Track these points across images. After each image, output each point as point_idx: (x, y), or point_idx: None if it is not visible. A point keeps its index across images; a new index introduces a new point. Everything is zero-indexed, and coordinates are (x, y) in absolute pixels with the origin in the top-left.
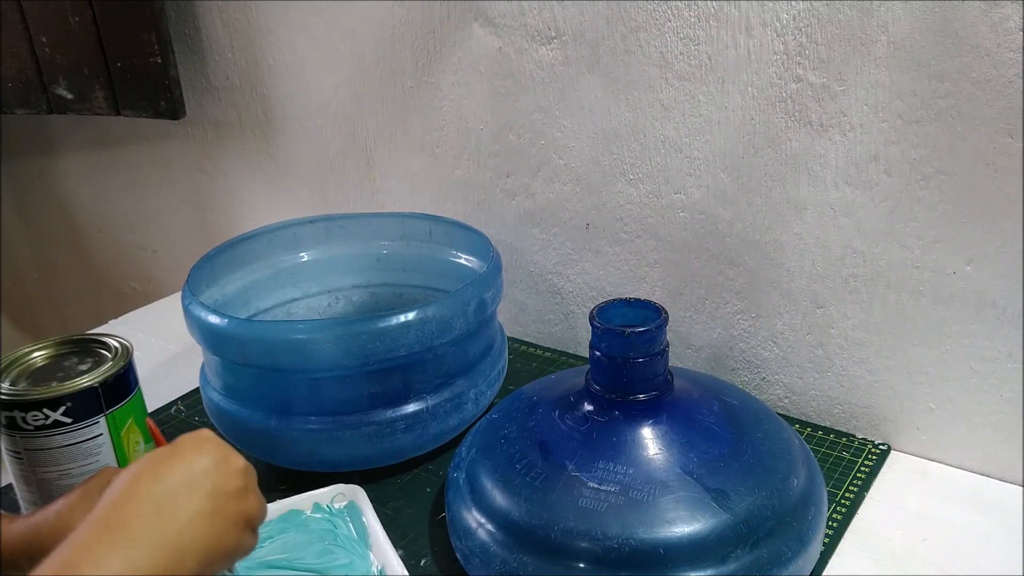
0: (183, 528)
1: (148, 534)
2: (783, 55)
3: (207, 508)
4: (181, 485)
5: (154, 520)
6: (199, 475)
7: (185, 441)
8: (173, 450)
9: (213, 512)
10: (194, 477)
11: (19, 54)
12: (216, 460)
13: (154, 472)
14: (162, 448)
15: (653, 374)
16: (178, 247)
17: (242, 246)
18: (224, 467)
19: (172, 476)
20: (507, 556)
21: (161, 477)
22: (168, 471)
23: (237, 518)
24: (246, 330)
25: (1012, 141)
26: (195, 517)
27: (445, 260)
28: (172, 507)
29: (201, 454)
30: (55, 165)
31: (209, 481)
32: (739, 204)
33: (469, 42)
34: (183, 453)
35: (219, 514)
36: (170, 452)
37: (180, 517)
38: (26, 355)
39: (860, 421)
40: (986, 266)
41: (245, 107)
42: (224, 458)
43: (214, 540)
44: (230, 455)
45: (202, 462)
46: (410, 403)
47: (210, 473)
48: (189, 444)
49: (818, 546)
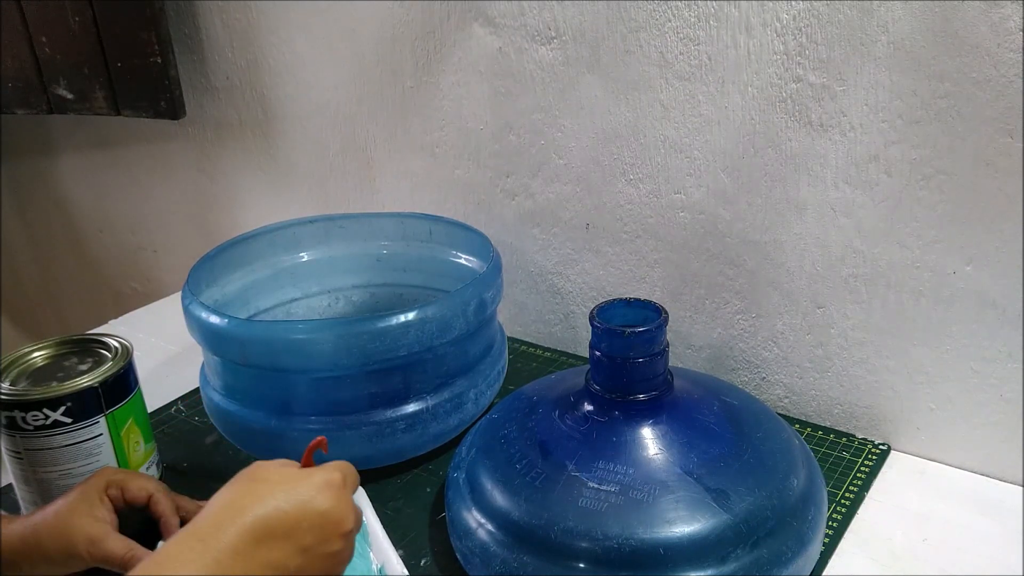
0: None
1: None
2: (783, 55)
3: (294, 564)
4: (281, 531)
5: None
6: (303, 528)
7: (311, 479)
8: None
9: (298, 568)
10: (298, 528)
11: (19, 54)
12: (328, 516)
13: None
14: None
15: (653, 374)
16: (178, 247)
17: (242, 246)
18: (333, 527)
19: (276, 516)
20: (507, 556)
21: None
22: (275, 511)
23: (322, 570)
24: (246, 330)
25: (1012, 141)
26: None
27: (445, 260)
28: (262, 550)
29: (317, 503)
30: (55, 165)
31: (310, 537)
32: (739, 204)
33: (469, 42)
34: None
35: (303, 571)
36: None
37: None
38: (26, 355)
39: (860, 421)
40: (986, 266)
41: (245, 107)
42: (336, 517)
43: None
44: (345, 515)
45: (313, 515)
46: (410, 403)
47: (314, 529)
48: (312, 486)
49: (818, 546)
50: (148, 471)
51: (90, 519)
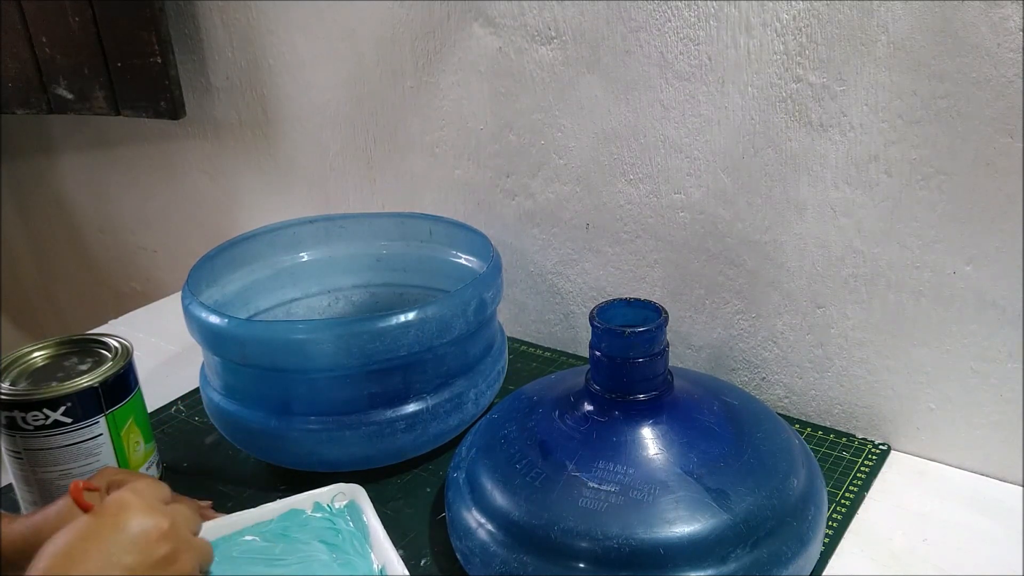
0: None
1: None
2: (783, 55)
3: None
4: (99, 568)
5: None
6: (117, 553)
7: (105, 512)
8: (90, 529)
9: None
10: (112, 557)
11: (19, 54)
12: (136, 532)
13: (68, 555)
14: (80, 523)
15: (653, 374)
16: (178, 247)
17: (242, 246)
18: (145, 538)
19: (87, 562)
20: (507, 556)
21: (75, 565)
22: (82, 557)
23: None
24: (246, 330)
25: (1012, 141)
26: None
27: (445, 260)
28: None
29: (119, 528)
30: (55, 165)
31: (129, 558)
32: (739, 204)
33: (469, 42)
34: (99, 532)
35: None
36: (87, 532)
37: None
38: (26, 355)
39: (860, 421)
40: (986, 266)
41: (245, 107)
42: (144, 529)
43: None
44: (150, 519)
45: (121, 539)
46: (410, 403)
47: (129, 549)
48: (108, 517)
49: (818, 546)
50: (148, 471)
51: None
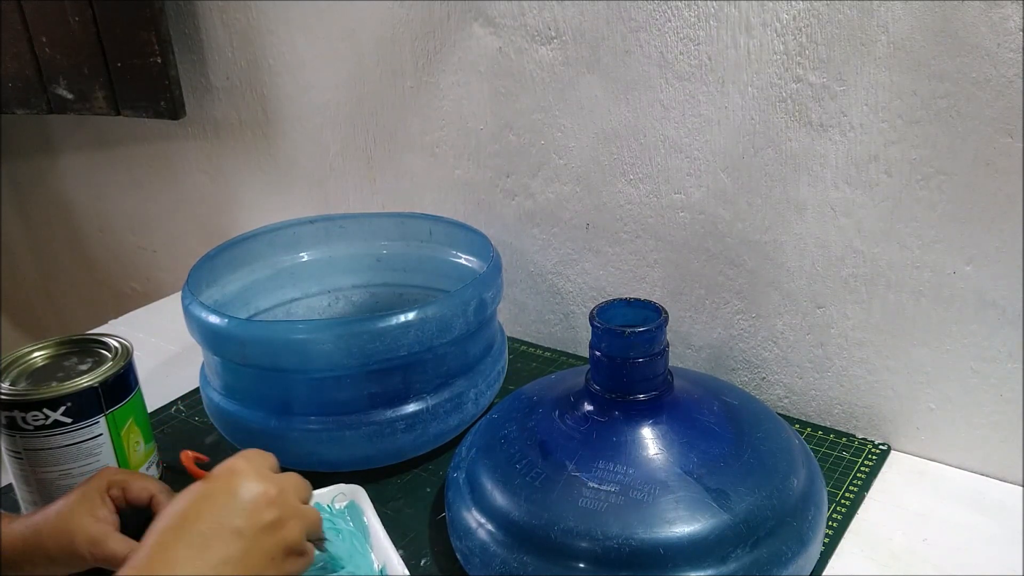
0: (213, 570)
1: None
2: (783, 55)
3: (237, 551)
4: (213, 528)
5: (182, 568)
6: (230, 515)
7: (218, 477)
8: (204, 491)
9: (244, 553)
10: (225, 518)
11: (19, 54)
12: (246, 498)
13: (183, 519)
14: (194, 488)
15: (653, 374)
16: (178, 247)
17: (242, 246)
18: (254, 504)
19: (202, 520)
20: (507, 556)
21: (190, 521)
22: (196, 516)
23: (275, 551)
24: (246, 330)
25: (1012, 141)
26: (224, 562)
27: (445, 260)
28: (202, 555)
29: (232, 491)
30: (55, 165)
31: (239, 520)
32: (739, 204)
33: (469, 42)
34: (214, 494)
35: (251, 554)
36: (201, 493)
37: (211, 559)
38: (26, 355)
39: (860, 421)
40: (986, 266)
41: (245, 107)
42: (257, 491)
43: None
44: (260, 485)
45: (234, 502)
46: (410, 403)
47: (242, 512)
48: (221, 481)
49: (818, 546)
50: (148, 471)
51: (91, 519)
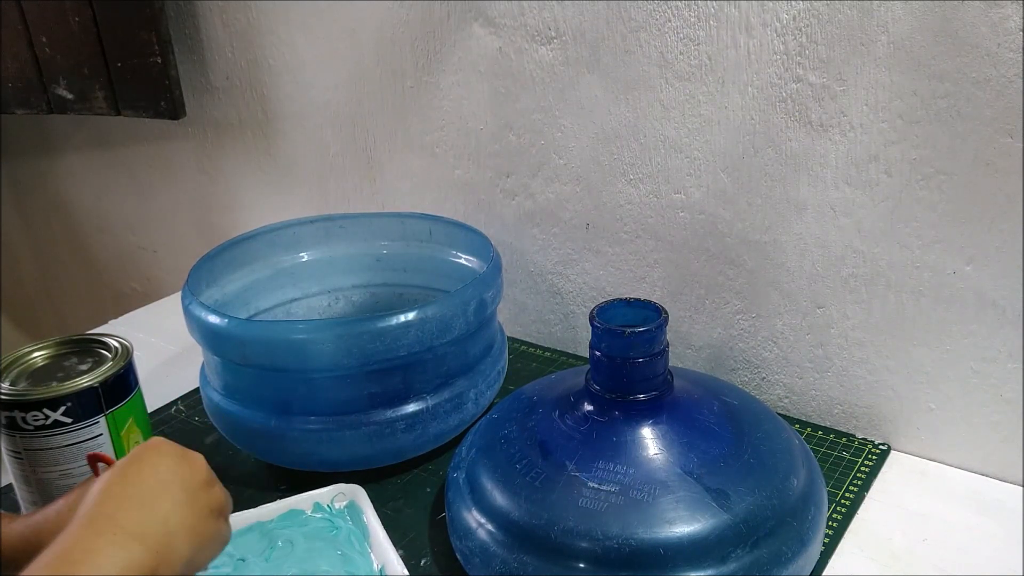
0: (167, 516)
1: (136, 523)
2: (783, 55)
3: (182, 498)
4: (153, 481)
5: (139, 511)
6: (166, 473)
7: (143, 449)
8: (132, 459)
9: (189, 501)
10: (161, 475)
11: (19, 54)
12: (177, 459)
13: (122, 475)
14: (123, 459)
15: (653, 374)
16: (178, 247)
17: (242, 246)
18: (186, 463)
19: (141, 478)
20: (507, 556)
21: (131, 479)
22: (136, 473)
23: (211, 507)
24: (246, 330)
25: (1012, 141)
26: (175, 506)
27: (445, 260)
28: (151, 497)
29: (161, 455)
30: (55, 165)
31: (177, 476)
32: (739, 204)
33: (469, 42)
34: (143, 458)
35: (194, 504)
36: (131, 460)
37: (161, 505)
38: (26, 355)
39: (860, 421)
40: (986, 266)
41: (245, 107)
42: (183, 456)
43: (196, 527)
44: (187, 453)
45: (165, 462)
46: (410, 403)
47: (175, 470)
48: (147, 451)
49: (818, 546)
50: None
51: None
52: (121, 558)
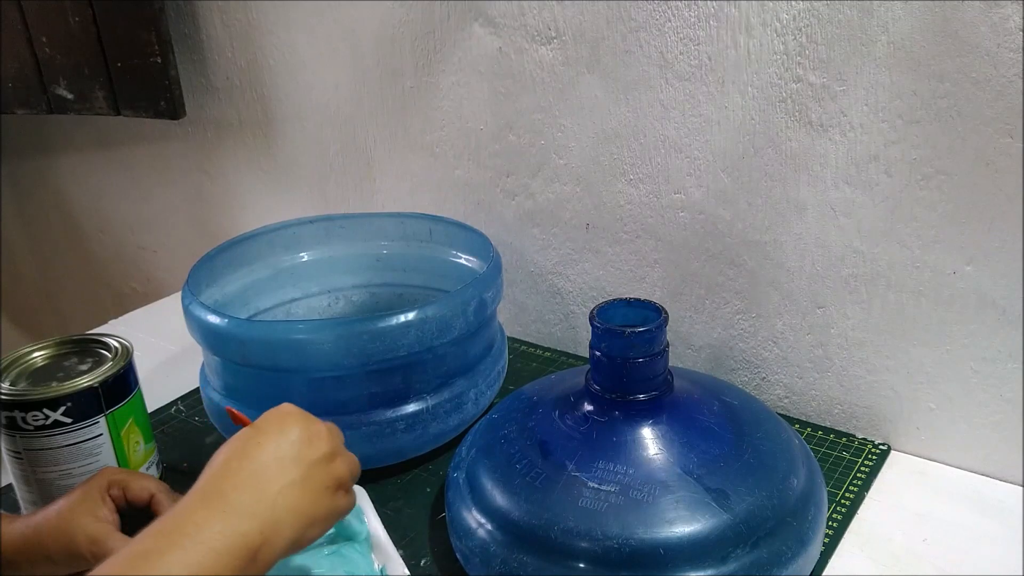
0: (276, 496)
1: (245, 502)
2: (783, 55)
3: (296, 476)
4: (271, 458)
5: (249, 490)
6: (285, 447)
7: (268, 419)
8: (257, 430)
9: (303, 479)
10: (281, 450)
11: (19, 54)
12: (300, 431)
13: (243, 451)
14: (247, 428)
15: (653, 374)
16: (178, 247)
17: (242, 246)
18: (308, 437)
19: (261, 452)
20: (507, 556)
21: (250, 455)
22: (256, 448)
23: (328, 482)
24: (246, 330)
25: (1012, 141)
26: (287, 486)
27: (445, 260)
28: (265, 478)
29: (284, 429)
30: (55, 165)
31: (295, 451)
32: (739, 204)
33: (469, 42)
34: (267, 431)
35: (309, 481)
36: (255, 432)
37: (273, 486)
38: (26, 355)
39: (860, 421)
40: (986, 266)
41: (245, 107)
42: (307, 428)
43: (306, 505)
44: (312, 424)
45: (287, 436)
46: (410, 403)
47: (295, 444)
48: (272, 421)
49: (818, 546)
50: (148, 471)
51: (92, 519)
52: (228, 535)
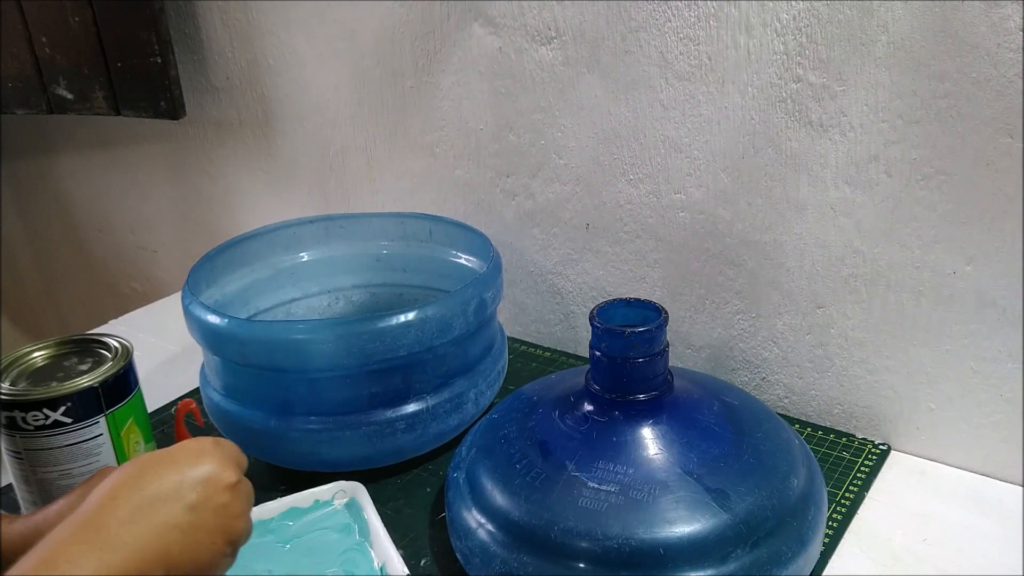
0: (156, 538)
1: (122, 539)
2: (783, 55)
3: (184, 522)
4: (163, 494)
5: (129, 526)
6: (185, 487)
7: (184, 448)
8: (169, 456)
9: (190, 527)
10: (179, 489)
11: (19, 54)
12: (208, 474)
13: (139, 477)
14: (160, 452)
15: (653, 374)
16: (178, 247)
17: (242, 246)
18: (214, 482)
19: (157, 484)
20: (507, 556)
21: (145, 484)
22: (154, 479)
23: (216, 536)
24: (246, 330)
25: (1012, 141)
26: (170, 529)
27: (445, 260)
28: (149, 515)
29: (195, 466)
30: (55, 165)
31: (194, 495)
32: (739, 204)
33: (469, 42)
34: (176, 461)
35: (197, 529)
36: (165, 458)
37: (154, 526)
38: (26, 355)
39: (860, 421)
40: (986, 266)
41: (245, 107)
42: (216, 473)
43: (186, 554)
44: (224, 471)
45: (192, 474)
46: (410, 403)
47: (196, 487)
48: (187, 453)
49: (818, 546)
50: None
51: None
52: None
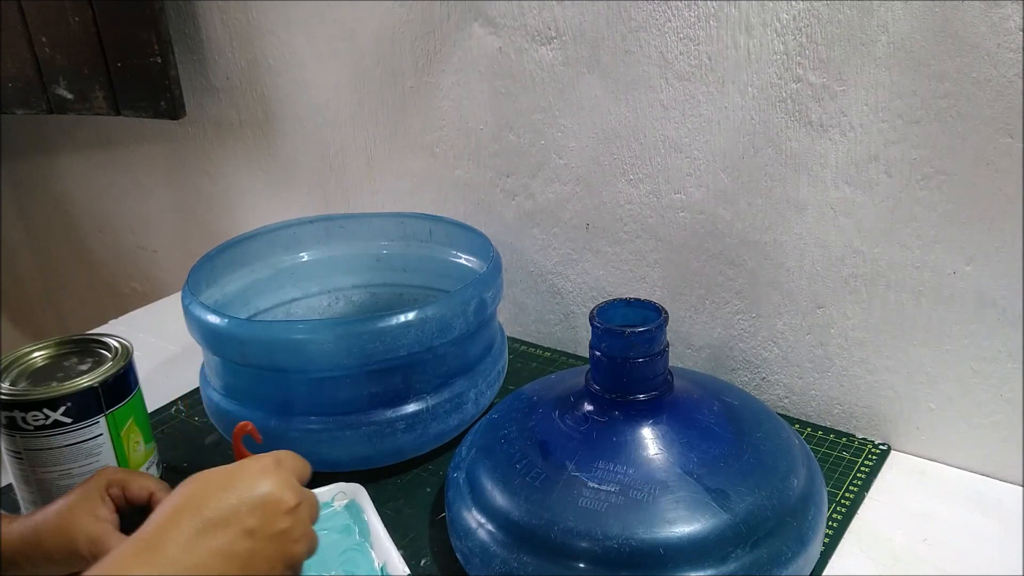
0: (214, 563)
1: (182, 563)
2: (783, 55)
3: (242, 549)
4: (222, 520)
5: (188, 552)
6: (243, 512)
7: (244, 469)
8: (229, 478)
9: (248, 554)
10: (237, 513)
11: (19, 54)
12: (266, 498)
13: (201, 501)
14: (222, 471)
15: (653, 374)
16: (178, 247)
17: (242, 246)
18: (272, 506)
19: (217, 508)
20: (507, 556)
21: (205, 508)
22: (215, 503)
23: (275, 562)
24: (246, 330)
25: (1012, 141)
26: (229, 556)
27: (445, 260)
28: (209, 541)
29: (254, 489)
30: (55, 165)
31: (252, 520)
32: (739, 204)
33: (469, 42)
34: (236, 485)
35: (255, 556)
36: (224, 480)
37: (212, 554)
38: (26, 355)
39: (860, 421)
40: (986, 266)
41: (245, 107)
42: (276, 497)
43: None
44: (284, 492)
45: (251, 498)
46: (410, 403)
47: (256, 511)
48: (246, 474)
49: (818, 546)
50: (148, 471)
51: (91, 519)
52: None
